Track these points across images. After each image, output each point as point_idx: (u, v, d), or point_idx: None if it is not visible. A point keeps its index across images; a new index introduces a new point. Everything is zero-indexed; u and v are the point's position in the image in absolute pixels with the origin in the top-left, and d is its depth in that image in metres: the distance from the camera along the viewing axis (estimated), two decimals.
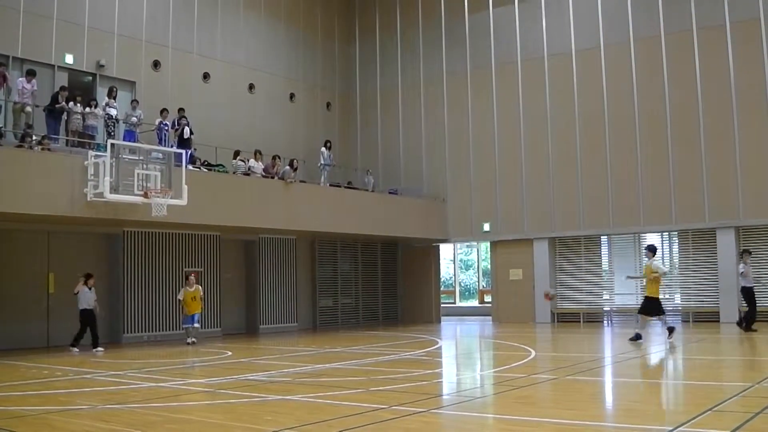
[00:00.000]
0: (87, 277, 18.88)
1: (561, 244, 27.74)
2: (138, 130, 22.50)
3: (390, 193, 29.34)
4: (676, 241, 26.27)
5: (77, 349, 18.45)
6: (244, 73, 27.98)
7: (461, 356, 18.10)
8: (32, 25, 21.83)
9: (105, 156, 18.30)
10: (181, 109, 23.46)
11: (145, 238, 22.27)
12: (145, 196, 18.93)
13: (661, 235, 26.50)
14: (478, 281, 37.43)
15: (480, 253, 37.13)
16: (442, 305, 32.08)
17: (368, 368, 13.83)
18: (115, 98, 22.27)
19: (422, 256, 30.92)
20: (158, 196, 19.12)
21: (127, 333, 21.49)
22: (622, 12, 26.26)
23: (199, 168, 22.69)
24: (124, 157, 18.93)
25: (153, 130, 22.79)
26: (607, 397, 10.63)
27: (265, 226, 23.78)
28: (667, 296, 26.29)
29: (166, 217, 19.56)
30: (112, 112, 21.95)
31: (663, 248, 26.60)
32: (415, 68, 30.98)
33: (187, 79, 26.00)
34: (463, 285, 38.72)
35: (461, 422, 8.58)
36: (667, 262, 26.33)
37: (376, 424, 7.99)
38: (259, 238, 25.55)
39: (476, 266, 38.18)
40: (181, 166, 19.92)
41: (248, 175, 23.75)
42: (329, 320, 28.74)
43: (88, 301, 18.74)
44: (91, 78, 23.50)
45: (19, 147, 18.43)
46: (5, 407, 9.86)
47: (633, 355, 15.57)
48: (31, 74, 20.46)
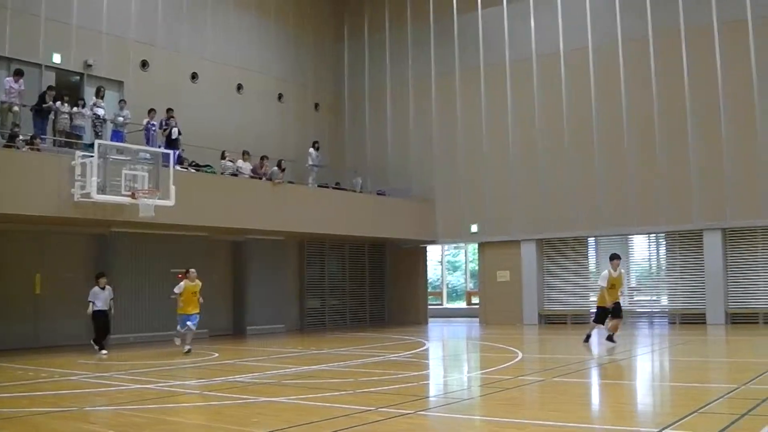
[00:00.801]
0: (98, 276, 18.43)
1: (548, 246, 27.80)
2: (125, 131, 22.43)
3: (378, 194, 29.35)
4: (664, 243, 26.35)
5: (104, 351, 18.07)
6: (232, 72, 27.93)
7: (448, 358, 18.10)
8: (20, 24, 21.75)
9: (92, 156, 18.23)
10: (170, 110, 23.39)
11: (133, 239, 22.17)
12: (133, 196, 18.88)
13: (648, 237, 26.59)
14: (466, 283, 37.47)
15: (468, 255, 37.17)
16: (430, 307, 32.09)
17: (355, 370, 13.83)
18: (102, 98, 22.21)
19: (410, 257, 30.93)
20: (146, 197, 19.07)
21: (114, 334, 21.39)
22: (610, 13, 26.35)
23: (187, 168, 22.64)
24: (111, 157, 18.90)
25: (141, 131, 22.72)
26: (594, 399, 10.67)
27: (252, 227, 23.74)
28: (654, 298, 26.46)
29: (154, 218, 19.50)
30: (100, 112, 21.89)
31: (651, 250, 26.75)
32: (404, 69, 30.99)
33: (176, 79, 25.94)
34: (450, 286, 38.75)
35: (448, 424, 8.58)
36: (654, 264, 26.51)
37: (364, 426, 7.99)
38: (246, 239, 25.50)
39: (464, 268, 38.23)
40: (168, 167, 19.87)
41: (236, 175, 23.72)
42: (317, 322, 28.72)
43: (103, 301, 18.12)
44: (78, 78, 23.41)
45: (8, 147, 18.34)
46: None
47: (620, 357, 15.61)
48: (18, 74, 20.37)
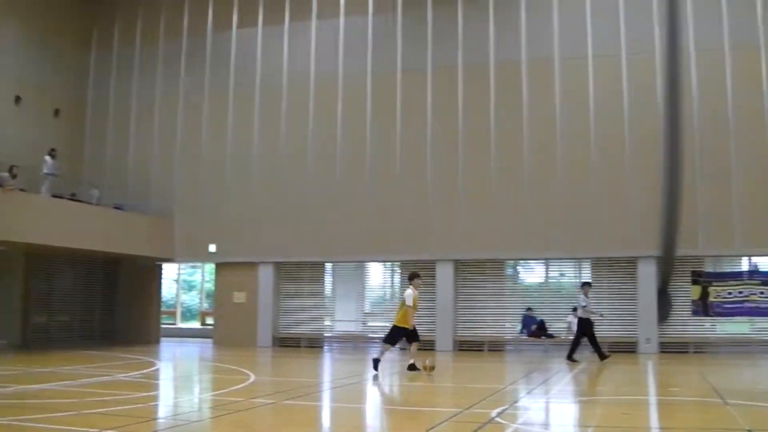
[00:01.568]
0: None
1: (285, 270, 28.11)
2: None
3: (115, 208, 28.33)
4: (399, 271, 27.48)
5: None
6: None
7: (179, 379, 17.82)
8: None
9: None
10: None
11: None
12: None
13: (384, 264, 27.60)
14: (201, 303, 36.97)
15: (204, 275, 36.72)
16: (163, 326, 31.38)
17: (81, 390, 13.29)
18: None
19: (145, 274, 30.08)
20: None
21: None
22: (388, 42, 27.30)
23: None
24: None
25: None
26: (324, 422, 10.94)
27: None
28: (387, 324, 27.44)
29: None
30: None
31: (386, 277, 27.81)
32: (152, 84, 30.18)
33: None
34: (185, 306, 38.05)
35: None
36: (389, 291, 27.58)
37: None
38: None
39: (200, 287, 37.71)
40: None
41: None
42: (42, 338, 27.20)
43: None
44: None
45: None
46: None
47: (352, 381, 16.07)
48: None
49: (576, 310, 24.45)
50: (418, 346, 17.68)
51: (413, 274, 18.12)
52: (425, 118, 26.35)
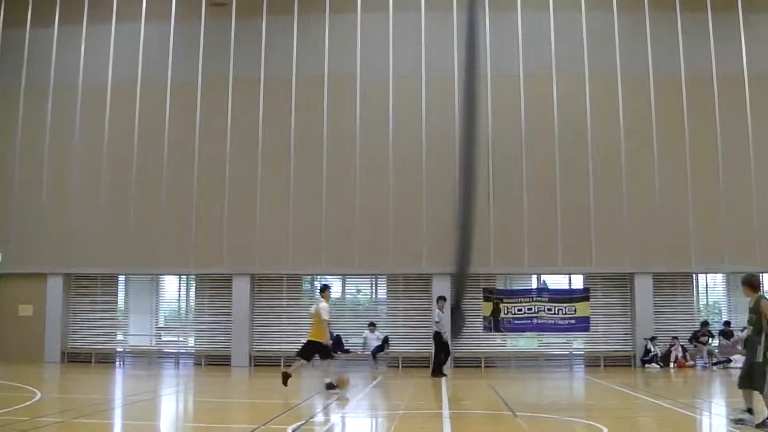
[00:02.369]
0: None
1: (77, 282, 26.89)
2: None
3: None
4: (194, 285, 26.98)
5: None
6: None
7: None
8: None
9: None
10: None
11: None
12: None
13: (179, 278, 27.02)
14: None
15: None
16: None
17: None
18: None
19: None
20: None
21: None
22: (162, 53, 26.64)
23: None
24: None
25: None
26: None
27: None
28: (181, 339, 26.93)
29: None
30: None
31: (181, 291, 27.21)
32: None
33: None
34: None
35: None
36: (183, 305, 27.01)
37: None
38: None
39: None
40: None
41: None
42: None
43: None
44: None
45: None
46: None
47: (145, 397, 15.62)
48: None
49: (373, 325, 25.01)
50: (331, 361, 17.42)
51: (325, 287, 18.12)
52: (225, 129, 25.98)
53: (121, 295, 27.32)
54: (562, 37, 25.60)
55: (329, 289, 18.32)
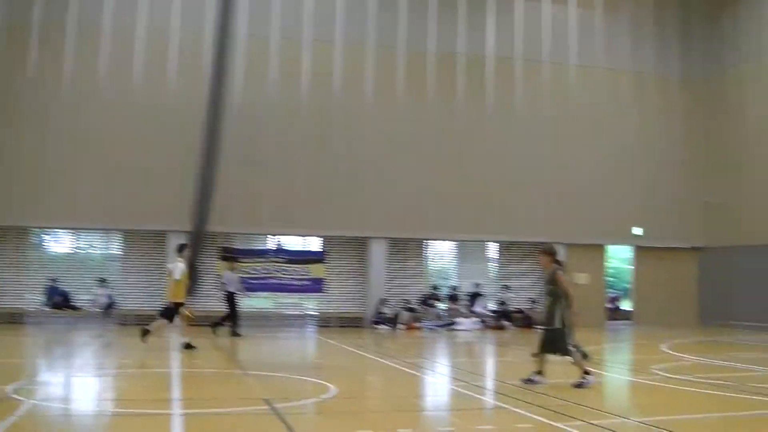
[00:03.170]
0: None
1: None
2: None
3: None
4: None
5: None
6: None
7: None
8: None
9: None
10: None
11: None
12: None
13: None
14: None
15: None
16: None
17: None
18: None
19: None
20: None
21: None
22: None
23: None
24: None
25: None
26: None
27: None
28: None
29: None
30: None
31: None
32: None
33: None
34: None
35: None
36: None
37: None
38: None
39: None
40: None
41: None
42: None
43: None
44: None
45: None
46: None
47: None
48: None
49: (103, 282, 24.12)
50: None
51: (182, 246, 17.54)
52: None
53: None
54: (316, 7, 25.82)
55: (187, 248, 17.96)
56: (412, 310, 25.63)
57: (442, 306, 26.29)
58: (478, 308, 26.13)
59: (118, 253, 25.52)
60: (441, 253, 28.02)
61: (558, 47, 27.80)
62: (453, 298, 26.25)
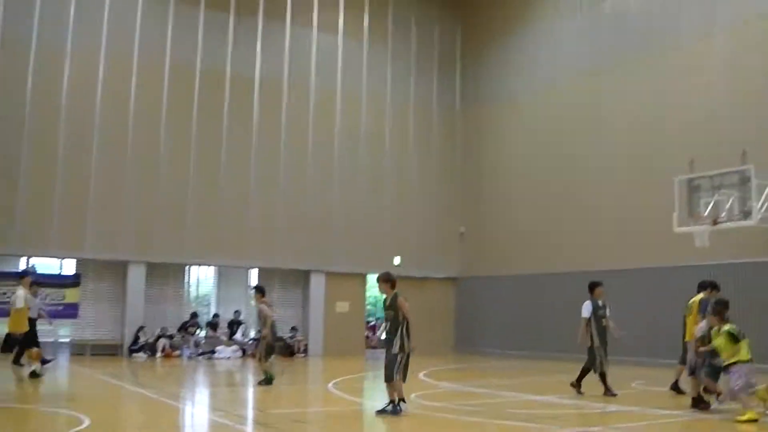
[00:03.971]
0: None
1: None
2: None
3: None
4: None
5: None
6: None
7: None
8: None
9: None
10: None
11: None
12: None
13: None
14: None
15: None
16: None
17: None
18: None
19: None
20: None
21: None
22: None
23: None
24: None
25: None
26: None
27: None
28: None
29: None
30: None
31: None
32: None
33: None
34: None
35: None
36: None
37: None
38: None
39: None
40: None
41: None
42: None
43: None
44: None
45: None
46: None
47: None
48: None
49: None
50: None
51: (25, 272, 17.14)
52: None
53: None
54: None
55: (29, 275, 16.99)
56: (171, 337, 25.06)
57: (202, 333, 25.91)
58: (238, 336, 25.97)
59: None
60: (201, 280, 27.63)
61: (325, 74, 28.41)
62: (213, 326, 25.91)
